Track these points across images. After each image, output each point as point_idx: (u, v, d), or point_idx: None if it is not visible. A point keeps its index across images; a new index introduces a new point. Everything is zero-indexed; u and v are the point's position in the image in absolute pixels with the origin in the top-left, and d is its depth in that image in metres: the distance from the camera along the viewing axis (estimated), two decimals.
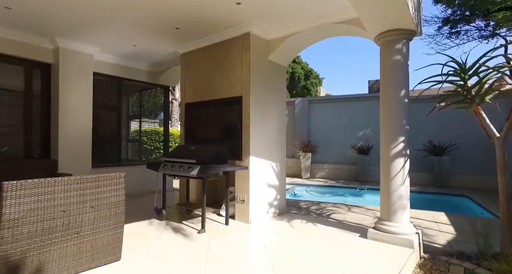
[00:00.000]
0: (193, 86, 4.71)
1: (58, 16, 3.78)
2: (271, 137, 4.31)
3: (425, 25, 10.43)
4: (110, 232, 2.42)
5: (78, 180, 2.18)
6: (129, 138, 7.16)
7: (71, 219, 2.12)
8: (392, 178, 3.21)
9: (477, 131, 7.97)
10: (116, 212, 2.47)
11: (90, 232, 2.27)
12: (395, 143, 3.21)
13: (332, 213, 4.88)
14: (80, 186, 2.19)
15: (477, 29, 9.27)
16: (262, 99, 4.14)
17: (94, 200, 2.28)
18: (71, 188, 2.13)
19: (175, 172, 3.60)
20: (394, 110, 3.25)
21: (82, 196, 2.20)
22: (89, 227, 2.25)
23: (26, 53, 4.44)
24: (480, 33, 9.23)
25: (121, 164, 5.81)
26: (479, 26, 9.01)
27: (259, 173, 4.05)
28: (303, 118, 10.07)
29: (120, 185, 2.47)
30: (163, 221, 3.93)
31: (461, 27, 8.53)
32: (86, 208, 2.23)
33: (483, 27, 8.97)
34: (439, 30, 8.66)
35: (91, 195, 2.26)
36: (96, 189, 2.30)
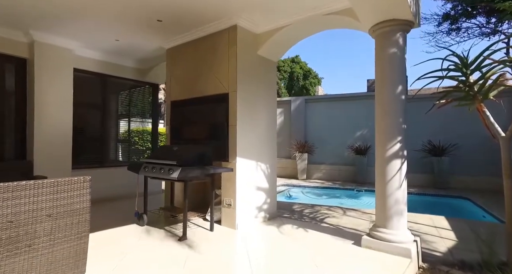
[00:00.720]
0: (179, 83, 4.45)
1: (31, 7, 3.53)
2: (260, 136, 4.05)
3: (424, 23, 10.19)
4: (72, 243, 2.16)
5: (30, 185, 1.92)
6: (118, 138, 6.91)
7: (20, 231, 1.86)
8: (388, 181, 2.95)
9: (477, 131, 7.79)
10: (80, 220, 2.20)
11: (46, 245, 2.00)
12: (391, 143, 2.96)
13: (326, 217, 4.63)
14: (34, 192, 1.93)
15: (478, 26, 9.03)
16: (250, 96, 3.89)
17: (52, 207, 2.02)
18: (21, 195, 1.86)
19: (155, 174, 3.35)
20: (390, 108, 3.00)
21: (36, 203, 1.94)
22: (45, 238, 1.99)
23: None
24: (481, 30, 8.98)
25: (106, 165, 5.55)
26: (480, 23, 8.76)
27: (247, 175, 3.80)
28: (299, 118, 9.82)
29: (84, 190, 2.21)
30: (144, 226, 3.67)
31: (461, 23, 8.29)
32: (41, 217, 1.97)
33: (484, 24, 8.72)
34: (439, 26, 8.42)
35: (48, 201, 2.00)
36: (55, 195, 2.04)
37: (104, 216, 4.29)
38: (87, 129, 5.45)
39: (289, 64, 29.83)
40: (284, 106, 10.22)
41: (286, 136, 10.05)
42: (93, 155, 5.47)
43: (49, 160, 4.34)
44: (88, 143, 5.45)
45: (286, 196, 7.53)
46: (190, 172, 3.13)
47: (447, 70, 3.10)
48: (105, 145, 5.82)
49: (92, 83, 5.44)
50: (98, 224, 3.74)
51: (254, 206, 3.92)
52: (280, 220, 4.19)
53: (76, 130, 4.89)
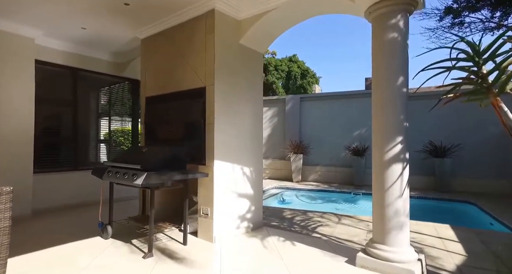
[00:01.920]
0: (154, 77, 4.00)
1: None
2: (243, 136, 3.60)
3: (424, 18, 9.76)
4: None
5: None
6: (98, 138, 6.44)
7: None
8: (386, 188, 2.50)
9: (482, 130, 7.37)
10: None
11: None
12: (390, 144, 2.51)
13: (319, 226, 4.18)
14: None
15: (481, 21, 8.58)
16: (231, 91, 3.43)
17: None
18: None
19: (119, 179, 2.89)
20: (389, 103, 2.55)
21: None
22: None
23: None
24: (484, 25, 8.53)
25: (81, 167, 5.06)
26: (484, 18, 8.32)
27: (227, 180, 3.34)
28: (294, 117, 9.37)
29: (1, 205, 1.75)
30: (108, 239, 3.21)
31: (464, 18, 7.84)
32: None
33: (489, 18, 8.27)
34: (441, 20, 7.98)
35: None
36: None
37: (66, 227, 3.84)
38: (58, 129, 4.98)
39: (287, 63, 29.40)
40: (278, 105, 9.77)
41: (280, 136, 9.60)
42: (65, 157, 5.00)
43: (4, 162, 3.86)
44: (59, 144, 4.99)
45: (279, 200, 7.08)
46: (156, 178, 2.68)
47: (456, 60, 2.66)
48: (81, 146, 5.35)
49: (62, 78, 4.95)
50: (56, 237, 3.28)
51: (236, 215, 3.46)
52: (266, 230, 3.73)
53: (43, 129, 4.43)
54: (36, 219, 4.22)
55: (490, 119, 7.00)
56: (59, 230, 3.63)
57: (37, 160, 4.36)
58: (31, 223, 4.01)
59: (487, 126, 7.03)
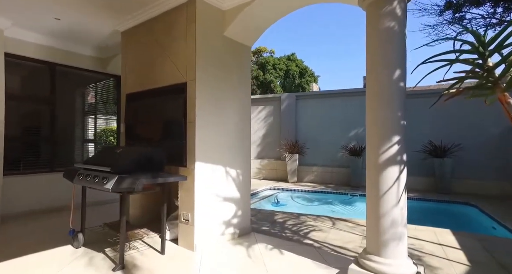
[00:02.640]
0: (134, 73, 3.73)
1: None
2: (229, 136, 3.34)
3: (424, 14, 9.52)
4: None
5: None
6: (85, 137, 6.18)
7: None
8: (381, 195, 2.25)
9: (484, 130, 7.11)
10: None
11: None
12: (386, 145, 2.25)
13: (312, 231, 3.93)
14: None
15: (482, 17, 8.33)
16: (215, 87, 3.17)
17: None
18: None
19: (89, 183, 2.63)
20: (385, 99, 2.30)
21: None
22: None
23: None
24: (485, 21, 8.28)
25: (55, 169, 4.75)
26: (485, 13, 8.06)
27: (210, 183, 3.08)
28: (290, 116, 9.11)
29: None
30: (79, 248, 2.95)
31: (465, 13, 7.59)
32: None
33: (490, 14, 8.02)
34: (441, 15, 7.71)
35: None
36: None
37: (36, 234, 3.55)
38: (34, 127, 4.69)
39: (285, 62, 29.11)
40: (274, 103, 9.51)
41: (276, 135, 9.34)
42: (41, 158, 4.72)
43: None
44: (35, 144, 4.70)
45: (273, 203, 6.82)
46: (128, 182, 2.42)
47: (459, 52, 2.41)
48: (61, 146, 5.08)
49: (38, 74, 4.65)
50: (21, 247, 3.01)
51: (220, 221, 3.21)
52: (254, 236, 3.47)
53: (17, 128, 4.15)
54: (2, 225, 3.86)
55: (492, 118, 6.75)
56: (27, 238, 3.34)
57: (9, 161, 4.08)
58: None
59: (489, 125, 6.78)
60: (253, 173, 9.50)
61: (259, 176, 9.41)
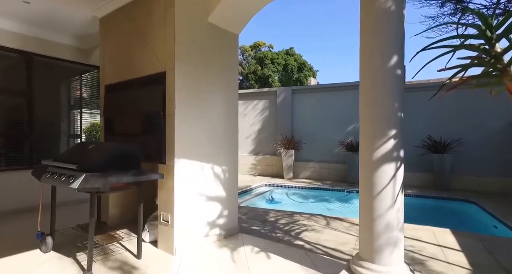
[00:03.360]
0: (113, 62, 3.47)
1: None
2: (213, 131, 3.10)
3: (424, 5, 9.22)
4: None
5: None
6: (71, 132, 5.93)
7: None
8: (375, 195, 2.02)
9: (485, 124, 6.88)
10: None
11: None
12: (381, 140, 2.02)
13: (304, 231, 3.73)
14: None
15: (485, 7, 8.04)
16: (198, 77, 2.92)
17: None
18: None
19: (56, 182, 2.40)
20: (380, 89, 2.06)
21: None
22: None
23: None
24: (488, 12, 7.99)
25: (33, 166, 4.47)
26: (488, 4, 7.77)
27: (192, 182, 2.85)
28: (286, 111, 8.86)
29: None
30: (48, 253, 2.72)
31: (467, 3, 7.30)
32: None
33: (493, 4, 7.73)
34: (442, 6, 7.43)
35: None
36: None
37: (4, 237, 3.30)
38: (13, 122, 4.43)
39: (283, 56, 28.73)
40: (269, 97, 9.25)
41: (271, 131, 9.10)
42: (15, 154, 4.45)
43: None
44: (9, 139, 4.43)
45: (267, 200, 6.61)
46: (96, 181, 2.19)
47: (463, 38, 2.17)
48: (46, 141, 4.83)
49: (11, 64, 4.35)
50: None
51: (204, 222, 2.98)
52: (241, 238, 3.26)
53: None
54: None
55: (494, 112, 6.52)
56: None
57: None
58: None
59: (491, 120, 6.56)
60: (248, 168, 9.29)
61: (254, 171, 9.20)
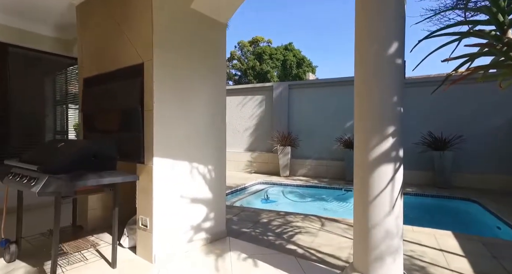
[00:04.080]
0: (91, 53, 3.23)
1: None
2: (198, 128, 2.87)
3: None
4: None
5: None
6: (57, 129, 5.70)
7: None
8: (371, 200, 1.80)
9: (487, 121, 6.66)
10: None
11: None
12: (378, 138, 1.79)
13: (298, 233, 3.52)
14: None
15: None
16: (180, 70, 2.68)
17: None
18: None
19: (18, 184, 2.17)
20: (377, 79, 1.82)
21: None
22: None
23: None
24: None
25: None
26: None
27: (173, 183, 2.62)
28: (282, 106, 8.61)
29: None
30: (13, 261, 2.49)
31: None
32: None
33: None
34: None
35: None
36: None
37: None
38: None
39: (282, 51, 28.37)
40: (265, 93, 9.00)
41: (267, 127, 8.87)
42: None
43: None
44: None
45: (262, 199, 6.40)
46: (59, 184, 1.96)
47: (472, 24, 1.92)
48: (25, 138, 4.59)
49: None
50: None
51: (187, 226, 2.76)
52: (228, 242, 3.04)
53: None
54: None
55: (497, 107, 6.29)
56: None
57: None
58: None
59: (493, 115, 6.33)
60: (244, 166, 9.08)
61: (250, 169, 8.99)
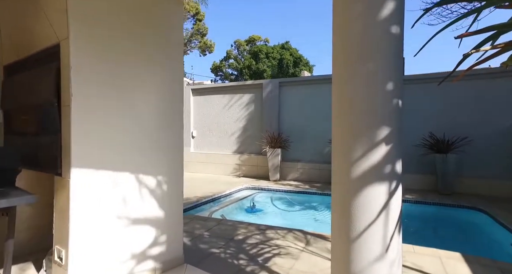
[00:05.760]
0: (10, 34, 2.61)
1: None
2: (142, 127, 2.26)
3: None
4: None
5: None
6: None
7: None
8: (355, 237, 1.19)
9: (494, 121, 6.03)
10: None
11: None
12: (364, 145, 1.18)
13: (276, 255, 2.93)
14: None
15: None
16: (113, 50, 2.07)
17: None
18: None
19: None
20: (364, 59, 1.22)
21: None
22: None
23: None
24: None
25: None
26: None
27: (104, 200, 2.01)
28: (272, 106, 8.01)
29: None
30: None
31: None
32: None
33: None
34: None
35: None
36: None
37: None
38: None
39: (279, 50, 27.79)
40: (255, 91, 8.39)
41: (257, 128, 8.26)
42: None
43: None
44: None
45: (247, 207, 5.80)
46: None
47: None
48: None
49: None
50: None
51: (128, 254, 2.15)
52: (184, 271, 2.43)
53: None
54: None
55: (507, 106, 5.70)
56: None
57: None
58: None
59: (502, 115, 5.74)
60: (232, 169, 8.47)
61: (239, 172, 8.38)
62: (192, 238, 3.39)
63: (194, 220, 4.16)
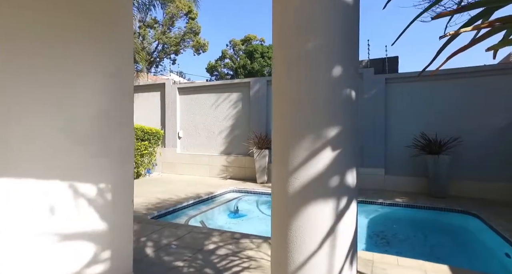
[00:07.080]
0: None
1: None
2: (75, 125, 1.94)
3: None
4: None
5: None
6: None
7: None
8: (293, 270, 0.89)
9: (488, 121, 5.77)
10: None
11: None
12: (306, 148, 0.88)
13: (246, 269, 2.65)
14: None
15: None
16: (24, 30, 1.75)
17: None
18: None
19: None
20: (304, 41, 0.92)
21: None
22: None
23: None
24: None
25: None
26: None
27: (20, 214, 1.70)
28: (260, 105, 7.71)
29: None
30: None
31: None
32: None
33: None
34: None
35: None
36: None
37: None
38: None
39: None
40: (242, 90, 8.09)
41: (244, 128, 7.96)
42: None
43: None
44: None
45: (231, 212, 5.50)
46: None
47: None
48: None
49: None
50: None
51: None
52: None
53: None
54: None
55: (500, 107, 5.45)
56: None
57: None
58: None
59: (496, 115, 5.47)
60: (219, 171, 8.16)
61: (226, 174, 8.07)
62: (157, 249, 3.08)
63: (166, 227, 3.85)
